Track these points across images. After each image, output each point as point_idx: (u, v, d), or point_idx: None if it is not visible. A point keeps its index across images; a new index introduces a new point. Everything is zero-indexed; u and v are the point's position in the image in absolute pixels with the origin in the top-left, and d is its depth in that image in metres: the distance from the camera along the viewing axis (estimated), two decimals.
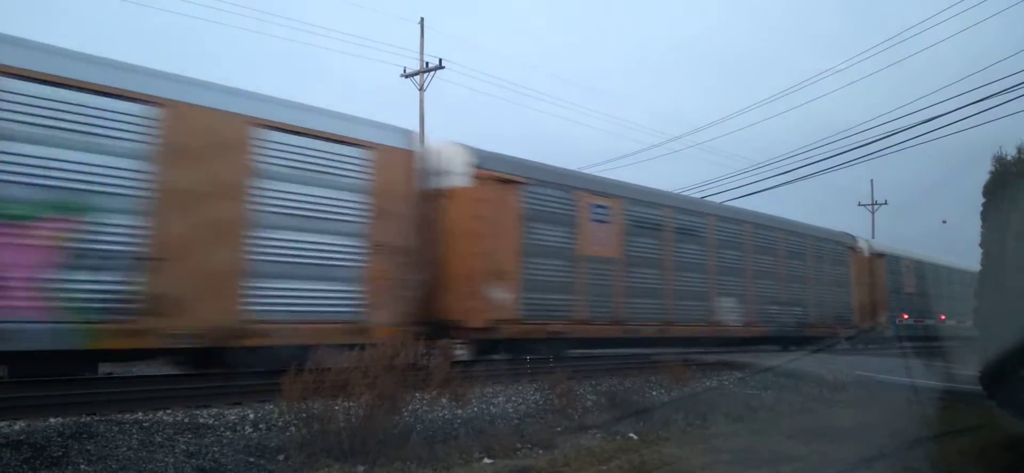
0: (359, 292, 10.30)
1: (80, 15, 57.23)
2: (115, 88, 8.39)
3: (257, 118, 9.54)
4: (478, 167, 12.01)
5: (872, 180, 44.87)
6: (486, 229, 11.94)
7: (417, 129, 24.25)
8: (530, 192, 12.71)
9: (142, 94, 8.57)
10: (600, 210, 14.02)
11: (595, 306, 13.62)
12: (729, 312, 16.81)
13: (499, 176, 12.26)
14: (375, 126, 10.97)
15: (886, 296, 24.40)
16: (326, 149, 10.18)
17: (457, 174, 12.03)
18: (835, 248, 21.88)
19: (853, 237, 23.23)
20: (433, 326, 11.14)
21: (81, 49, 8.58)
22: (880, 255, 24.51)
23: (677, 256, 15.54)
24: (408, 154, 11.29)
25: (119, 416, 6.92)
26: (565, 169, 14.35)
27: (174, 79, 9.09)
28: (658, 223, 15.24)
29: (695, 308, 15.90)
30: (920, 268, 27.27)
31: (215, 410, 7.60)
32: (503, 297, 11.98)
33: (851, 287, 22.31)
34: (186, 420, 7.07)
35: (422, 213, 11.49)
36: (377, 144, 10.74)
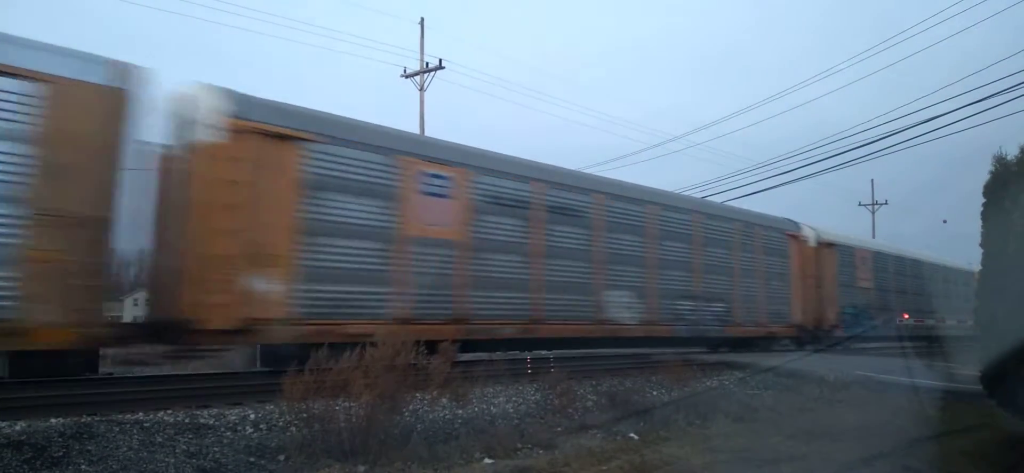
0: (6, 280, 7.62)
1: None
2: None
3: None
4: (235, 116, 9.28)
5: (872, 180, 44.89)
6: (244, 198, 9.30)
7: (419, 129, 24.26)
8: (318, 152, 10.01)
9: None
10: (436, 181, 11.31)
11: (425, 301, 11.01)
12: (623, 308, 14.27)
13: (267, 129, 9.52)
14: (45, 50, 8.09)
15: (836, 292, 21.46)
16: None
17: (205, 125, 9.19)
18: (771, 236, 19.04)
19: (796, 224, 20.57)
20: (161, 327, 9.13)
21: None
22: (830, 245, 21.62)
23: (550, 241, 12.93)
24: (111, 92, 8.33)
25: (120, 416, 6.93)
26: (380, 126, 11.38)
27: None
28: (522, 200, 12.57)
29: (575, 303, 13.32)
30: (881, 260, 24.53)
31: (216, 410, 7.60)
32: (268, 289, 9.37)
33: (792, 281, 19.58)
34: (187, 420, 7.07)
35: (145, 175, 9.18)
36: (49, 76, 7.90)
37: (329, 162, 10.16)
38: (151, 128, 9.10)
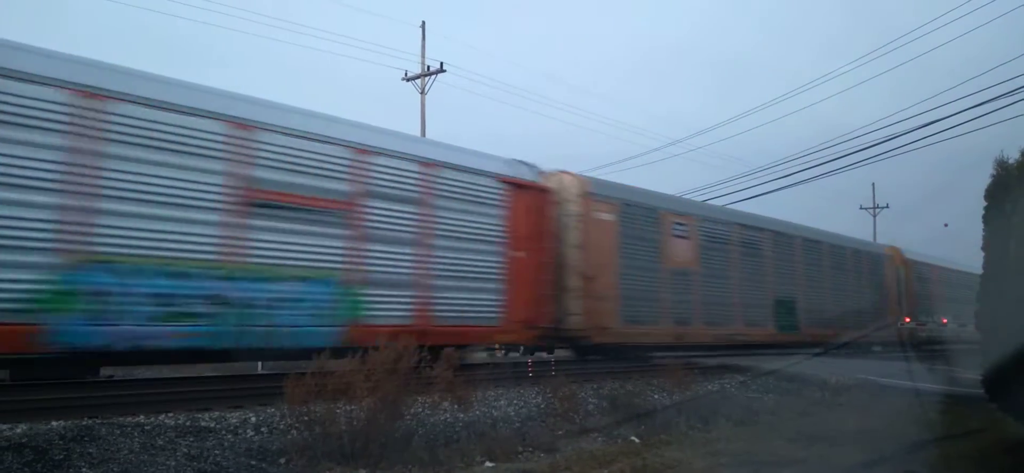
0: None
1: (89, 17, 57.46)
2: None
3: None
4: None
5: (874, 183, 44.68)
6: None
7: (420, 132, 24.30)
8: None
9: None
10: None
11: None
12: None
13: None
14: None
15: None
16: None
17: None
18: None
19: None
20: None
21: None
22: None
23: None
24: None
25: (121, 419, 6.92)
26: None
27: None
28: None
29: None
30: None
31: (217, 413, 7.59)
32: None
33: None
34: (188, 423, 7.07)
35: None
36: None
37: None
38: None
